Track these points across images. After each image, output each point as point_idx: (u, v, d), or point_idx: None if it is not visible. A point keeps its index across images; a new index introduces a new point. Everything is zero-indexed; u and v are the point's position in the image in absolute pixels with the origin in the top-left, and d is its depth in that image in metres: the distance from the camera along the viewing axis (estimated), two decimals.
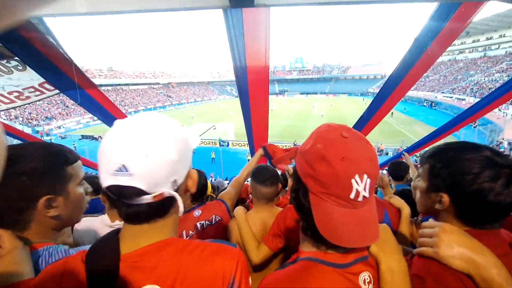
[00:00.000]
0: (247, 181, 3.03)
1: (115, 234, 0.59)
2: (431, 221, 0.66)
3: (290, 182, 0.68)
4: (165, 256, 0.56)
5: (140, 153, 0.49)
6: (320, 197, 0.55)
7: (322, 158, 0.54)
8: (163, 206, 0.56)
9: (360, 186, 0.52)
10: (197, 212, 1.46)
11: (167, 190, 0.53)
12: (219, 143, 21.57)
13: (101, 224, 1.34)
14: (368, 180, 0.53)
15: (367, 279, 0.59)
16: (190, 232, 1.40)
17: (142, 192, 0.50)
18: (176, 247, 0.58)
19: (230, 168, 15.54)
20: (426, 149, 0.75)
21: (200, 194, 1.55)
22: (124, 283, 0.52)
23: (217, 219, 1.48)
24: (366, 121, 3.38)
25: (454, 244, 0.58)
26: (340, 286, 0.57)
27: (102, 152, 0.51)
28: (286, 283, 0.58)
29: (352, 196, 0.53)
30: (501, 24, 45.83)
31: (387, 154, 17.98)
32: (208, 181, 2.06)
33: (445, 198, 0.69)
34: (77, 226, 1.28)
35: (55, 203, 0.71)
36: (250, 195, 2.77)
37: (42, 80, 2.39)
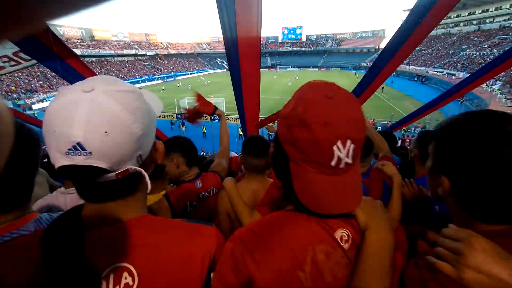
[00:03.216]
0: (237, 154, 3.04)
1: (76, 212, 0.52)
2: (453, 229, 0.51)
3: (271, 148, 0.60)
4: (138, 235, 0.52)
5: (98, 129, 0.42)
6: (300, 165, 0.52)
7: (302, 123, 0.49)
8: (129, 182, 0.51)
9: (343, 152, 0.48)
10: (198, 183, 1.49)
11: (132, 167, 0.48)
12: (210, 118, 21.28)
13: (56, 194, 1.25)
14: (352, 146, 0.49)
15: (344, 236, 0.56)
16: (194, 203, 1.43)
17: (104, 171, 0.44)
18: (151, 226, 0.55)
19: None
20: (441, 120, 0.63)
21: (195, 160, 1.54)
22: (91, 265, 0.47)
23: (215, 191, 1.53)
24: (358, 96, 3.38)
25: (485, 269, 0.43)
26: (314, 231, 0.55)
27: (49, 127, 0.42)
28: (257, 228, 0.58)
29: (333, 163, 0.49)
30: None
31: (376, 128, 18.28)
32: None
33: (445, 182, 0.58)
34: (34, 207, 1.15)
35: None
36: (243, 169, 2.80)
37: (17, 48, 2.23)
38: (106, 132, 0.42)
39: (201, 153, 13.92)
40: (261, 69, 2.67)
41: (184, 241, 0.55)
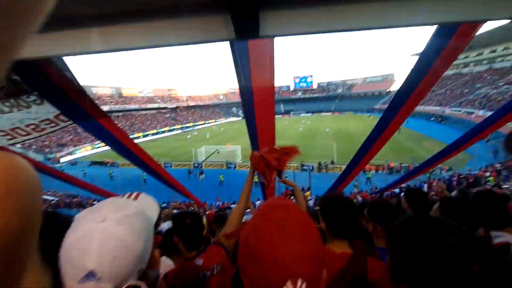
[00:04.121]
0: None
1: None
2: None
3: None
4: None
5: (108, 255, 0.48)
6: None
7: (252, 258, 0.47)
8: None
9: None
10: (199, 261, 1.37)
11: (133, 283, 0.52)
12: (226, 165, 21.56)
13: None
14: (304, 285, 0.44)
15: None
16: (192, 283, 1.31)
17: None
18: None
19: (238, 190, 15.39)
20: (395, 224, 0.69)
21: (195, 242, 1.46)
22: None
23: (217, 269, 1.38)
24: (374, 141, 3.35)
25: None
26: None
27: (67, 258, 0.48)
28: None
29: None
30: (504, 36, 45.90)
31: (397, 171, 17.54)
32: (204, 220, 1.94)
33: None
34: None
35: None
36: None
37: (58, 112, 2.49)
38: (114, 257, 0.48)
39: (217, 203, 13.70)
40: (275, 116, 2.76)
41: None
